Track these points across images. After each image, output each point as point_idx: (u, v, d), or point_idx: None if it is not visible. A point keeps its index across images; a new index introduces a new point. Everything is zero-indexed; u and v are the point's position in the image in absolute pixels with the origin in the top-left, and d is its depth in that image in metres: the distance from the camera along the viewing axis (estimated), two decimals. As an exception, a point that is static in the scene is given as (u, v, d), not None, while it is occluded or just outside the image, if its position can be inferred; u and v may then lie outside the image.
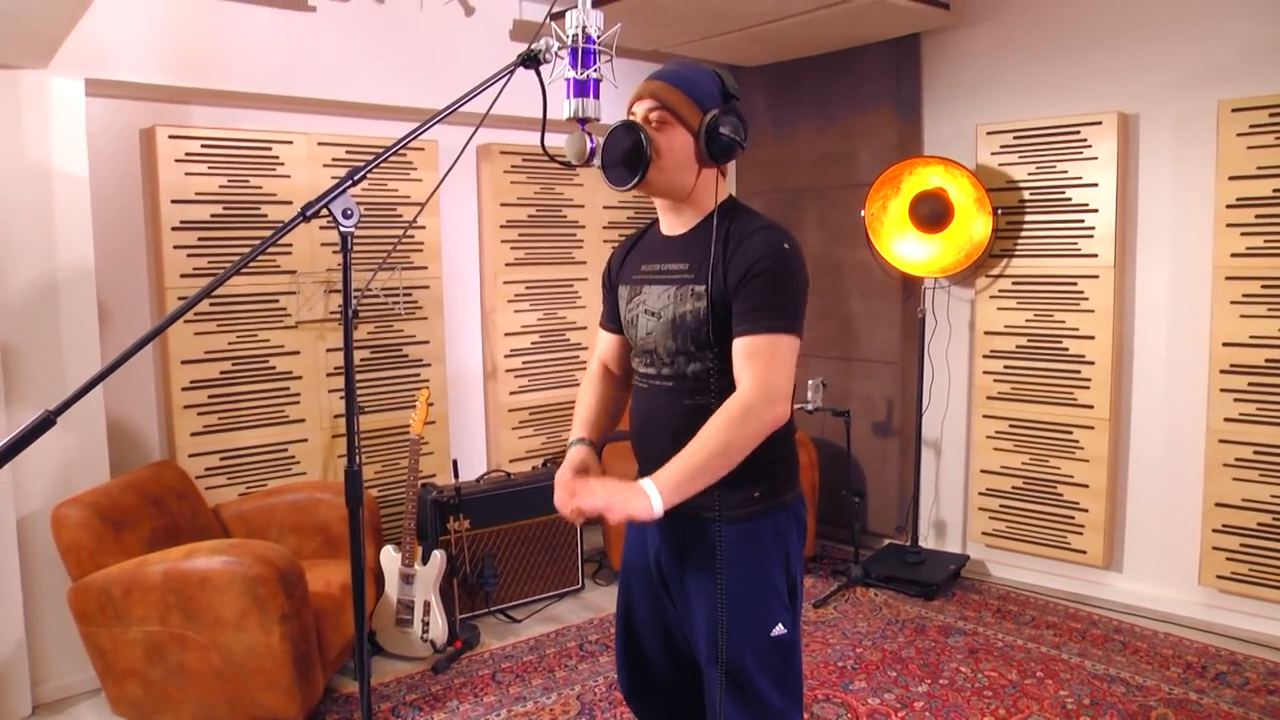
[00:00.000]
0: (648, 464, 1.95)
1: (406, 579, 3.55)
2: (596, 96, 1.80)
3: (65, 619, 3.09)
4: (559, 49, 1.75)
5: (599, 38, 1.79)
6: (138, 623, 2.86)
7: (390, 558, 3.58)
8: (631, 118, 1.86)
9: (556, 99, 1.79)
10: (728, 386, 1.78)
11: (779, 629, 1.85)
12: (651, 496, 1.63)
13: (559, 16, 1.80)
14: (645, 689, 2.09)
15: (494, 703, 3.23)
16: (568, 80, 1.79)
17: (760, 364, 1.71)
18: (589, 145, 1.79)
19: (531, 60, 1.72)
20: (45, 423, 1.34)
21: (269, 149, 3.71)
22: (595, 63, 1.79)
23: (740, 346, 1.74)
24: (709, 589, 1.83)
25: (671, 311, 1.83)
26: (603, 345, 2.14)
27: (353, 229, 1.55)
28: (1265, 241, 3.45)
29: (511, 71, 1.72)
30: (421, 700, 3.26)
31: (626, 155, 1.80)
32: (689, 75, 1.85)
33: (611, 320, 2.08)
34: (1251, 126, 3.44)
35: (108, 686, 2.98)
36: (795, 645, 1.91)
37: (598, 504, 1.68)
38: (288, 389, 3.83)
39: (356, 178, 1.56)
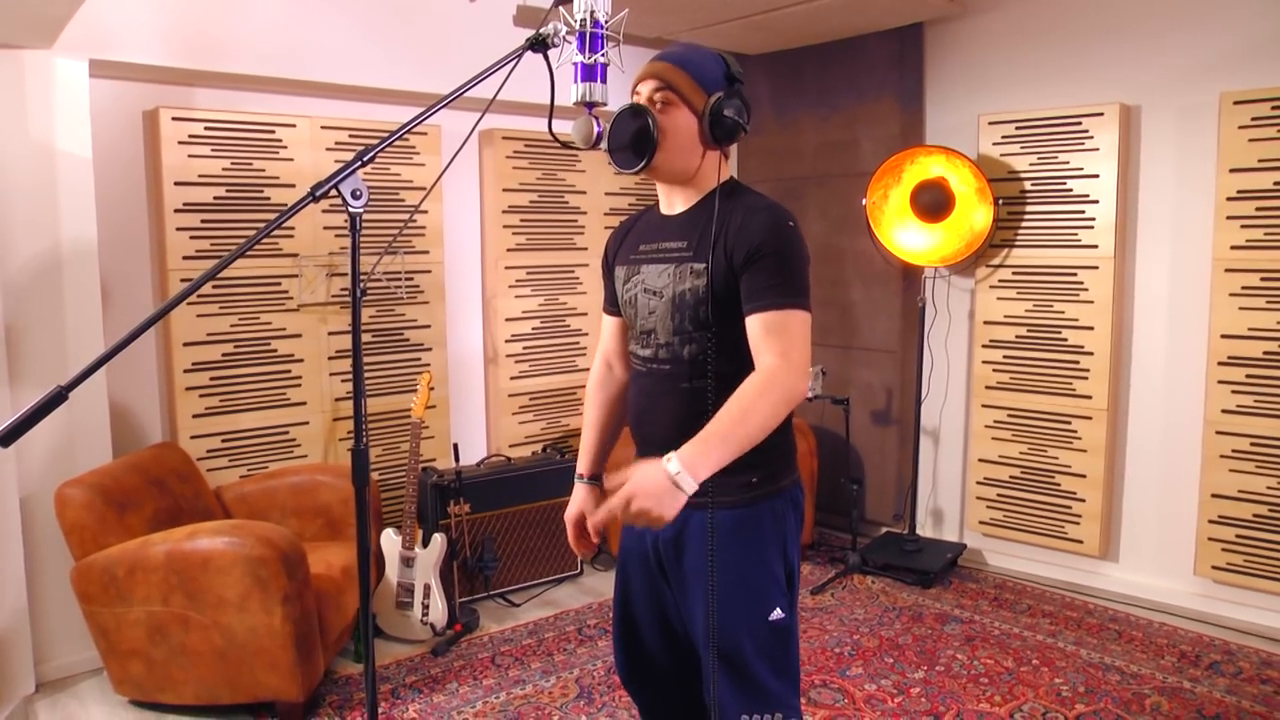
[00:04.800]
0: (646, 449, 1.96)
1: (407, 562, 3.57)
2: (604, 81, 1.80)
3: (68, 598, 3.11)
4: (567, 33, 1.75)
5: (607, 22, 1.79)
6: (140, 603, 2.88)
7: (391, 541, 3.60)
8: (636, 97, 1.86)
9: (563, 84, 1.79)
10: (725, 370, 1.79)
11: (776, 614, 1.85)
12: (681, 480, 1.54)
13: (566, 1, 1.81)
14: (643, 675, 2.10)
15: (493, 685, 3.26)
16: (575, 65, 1.79)
17: (780, 339, 1.70)
18: (596, 130, 1.79)
19: (539, 44, 1.72)
20: (58, 398, 1.35)
21: (272, 132, 3.71)
22: (603, 47, 1.79)
23: (756, 323, 1.73)
24: (707, 575, 1.84)
25: (672, 289, 1.83)
26: (606, 333, 2.15)
27: (361, 210, 1.55)
28: (1265, 234, 3.46)
29: (519, 56, 1.72)
30: (421, 682, 3.28)
31: (633, 139, 1.80)
32: (694, 57, 1.86)
33: (612, 304, 2.09)
34: (1253, 119, 3.45)
35: (110, 666, 3.00)
36: (792, 630, 1.91)
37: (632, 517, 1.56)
38: (289, 372, 3.84)
39: (365, 159, 1.57)
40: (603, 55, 1.79)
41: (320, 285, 3.88)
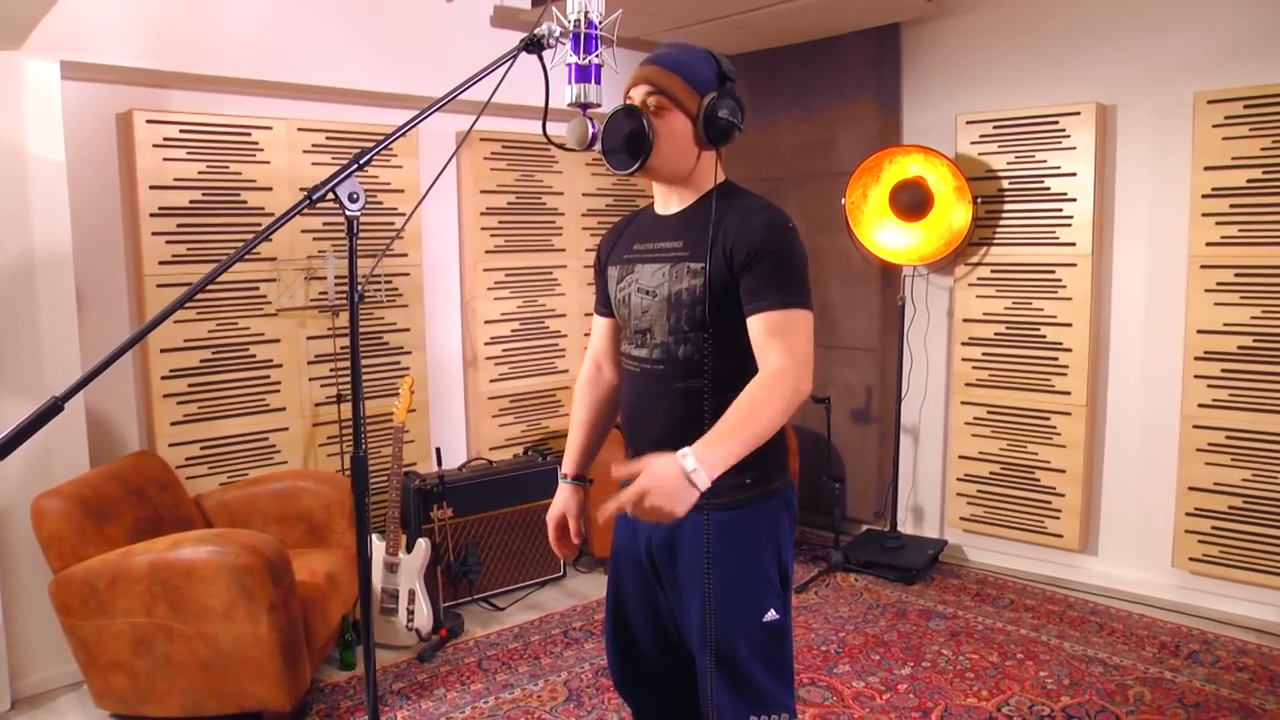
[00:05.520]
0: (639, 451, 1.95)
1: (391, 568, 3.54)
2: (598, 81, 1.80)
3: (44, 612, 3.05)
4: (561, 34, 1.74)
5: (600, 23, 1.78)
6: (123, 614, 2.82)
7: (374, 546, 3.56)
8: (628, 103, 1.85)
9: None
10: (721, 370, 1.79)
11: (770, 614, 1.85)
12: (696, 478, 1.52)
13: (548, 0, 1.80)
14: (636, 678, 2.09)
15: (481, 690, 3.23)
16: (569, 66, 1.78)
17: (785, 339, 1.70)
18: (591, 131, 1.78)
19: (535, 45, 1.71)
20: (53, 409, 1.32)
21: (248, 134, 3.66)
22: (597, 48, 1.78)
23: (760, 323, 1.73)
24: (702, 576, 1.83)
25: (667, 289, 1.83)
26: (597, 334, 2.14)
27: (358, 214, 1.54)
28: (1239, 231, 3.52)
29: (515, 56, 1.71)
30: (408, 689, 3.25)
31: (628, 140, 1.80)
32: (685, 59, 1.85)
33: (604, 305, 2.08)
34: (1226, 118, 3.50)
35: (91, 679, 2.94)
36: (786, 630, 1.91)
37: (645, 510, 1.53)
38: (268, 377, 3.79)
39: (362, 162, 1.55)
40: (597, 56, 1.79)
41: (298, 289, 3.83)
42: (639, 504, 1.51)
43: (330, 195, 1.53)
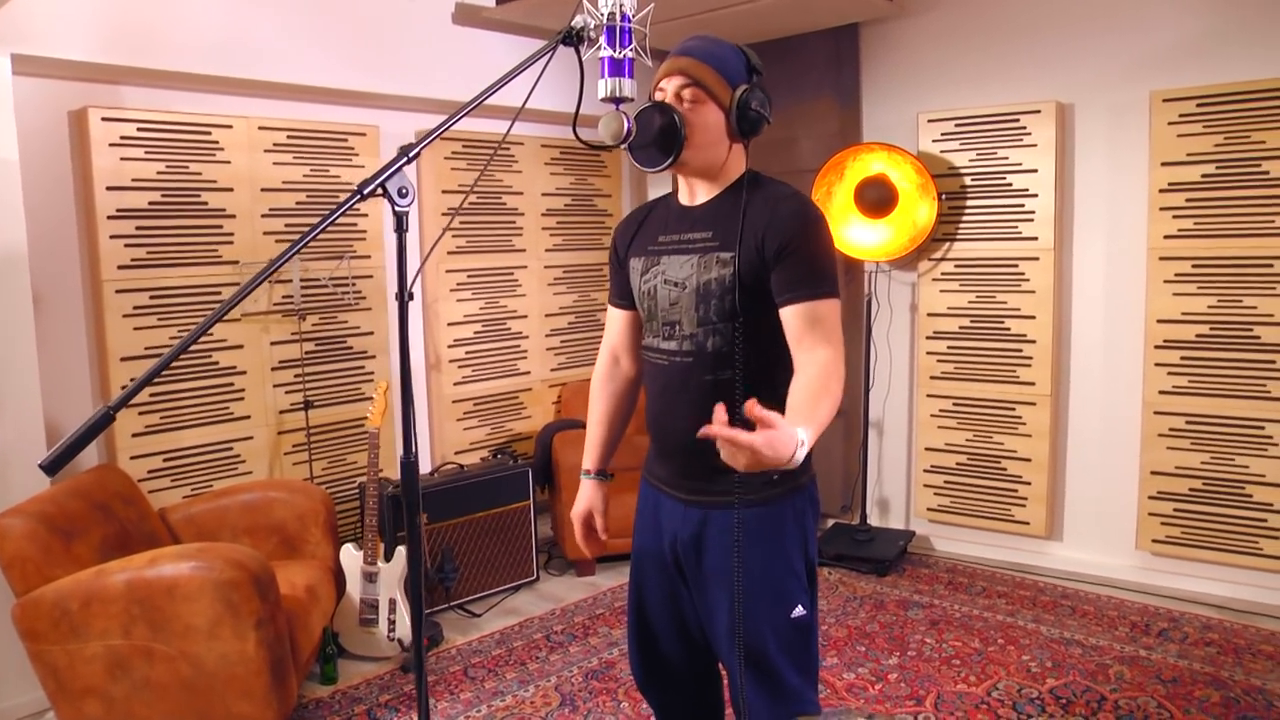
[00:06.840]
0: (666, 442, 1.93)
1: (369, 577, 3.44)
2: (631, 76, 1.77)
3: (3, 637, 2.87)
4: (596, 27, 1.71)
5: (634, 17, 1.75)
6: (98, 637, 2.68)
7: (351, 556, 3.46)
8: (660, 94, 1.83)
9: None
10: (753, 360, 1.78)
11: (799, 610, 1.86)
12: (799, 453, 1.48)
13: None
14: (661, 678, 2.08)
15: (472, 699, 3.17)
16: (603, 59, 1.75)
17: (825, 329, 1.72)
18: (626, 126, 1.75)
19: (573, 38, 1.68)
20: (104, 419, 1.24)
21: (208, 133, 3.52)
22: (631, 41, 1.75)
23: (798, 313, 1.73)
24: (729, 574, 1.83)
25: (696, 280, 1.81)
26: (613, 327, 2.11)
27: (408, 209, 1.48)
28: (1195, 224, 3.66)
29: (553, 50, 1.67)
30: (396, 700, 3.16)
31: (659, 136, 1.78)
32: (717, 51, 1.84)
33: (621, 297, 2.05)
34: (1181, 116, 3.64)
35: (61, 707, 2.78)
36: (813, 626, 1.92)
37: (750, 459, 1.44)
38: (232, 384, 3.65)
39: (410, 156, 1.49)
40: (630, 50, 1.76)
41: (262, 294, 3.70)
42: (743, 448, 1.40)
43: (355, 193, 1.47)
